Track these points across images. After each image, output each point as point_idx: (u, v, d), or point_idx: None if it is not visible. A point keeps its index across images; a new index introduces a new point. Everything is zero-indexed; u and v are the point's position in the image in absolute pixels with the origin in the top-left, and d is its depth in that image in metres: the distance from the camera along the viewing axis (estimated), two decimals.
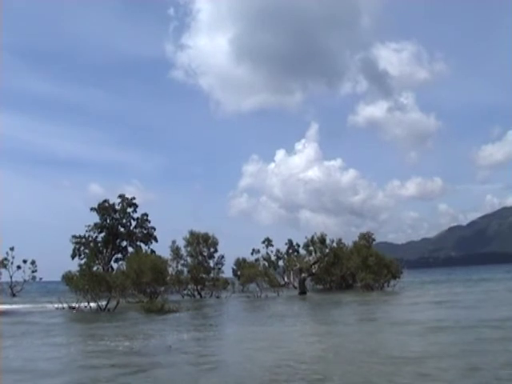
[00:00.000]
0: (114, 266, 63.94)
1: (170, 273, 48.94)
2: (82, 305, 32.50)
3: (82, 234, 67.82)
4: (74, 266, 43.27)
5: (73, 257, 65.85)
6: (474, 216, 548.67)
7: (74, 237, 67.18)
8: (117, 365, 13.07)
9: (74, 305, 32.60)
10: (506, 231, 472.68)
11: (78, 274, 34.03)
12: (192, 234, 52.55)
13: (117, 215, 70.03)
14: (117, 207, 70.24)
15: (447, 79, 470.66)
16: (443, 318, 21.68)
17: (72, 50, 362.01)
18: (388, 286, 52.35)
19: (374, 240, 56.13)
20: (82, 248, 66.88)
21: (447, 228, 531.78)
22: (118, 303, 33.01)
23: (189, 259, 52.35)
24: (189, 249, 52.27)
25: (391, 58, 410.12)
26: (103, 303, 32.27)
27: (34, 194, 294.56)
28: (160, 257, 49.27)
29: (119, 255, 68.63)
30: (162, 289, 44.72)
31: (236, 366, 12.37)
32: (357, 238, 55.84)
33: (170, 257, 51.13)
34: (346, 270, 53.22)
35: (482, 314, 22.64)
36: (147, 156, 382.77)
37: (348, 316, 25.66)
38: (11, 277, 65.39)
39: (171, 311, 30.48)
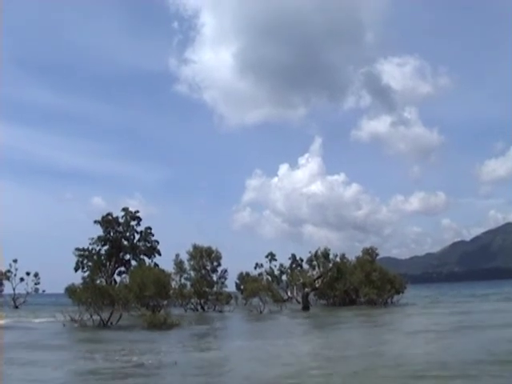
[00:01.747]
0: (117, 279, 63.86)
1: (173, 286, 48.74)
2: (85, 318, 32.30)
3: (86, 247, 67.95)
4: (77, 278, 43.19)
5: (76, 269, 65.96)
6: (477, 231, 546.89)
7: (78, 249, 67.28)
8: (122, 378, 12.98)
9: (76, 318, 32.42)
10: (510, 247, 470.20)
11: (81, 286, 33.89)
12: (195, 247, 52.50)
13: (120, 228, 70.19)
14: (120, 220, 70.42)
15: (450, 94, 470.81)
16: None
17: (75, 62, 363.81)
18: (391, 301, 52.11)
19: (377, 255, 56.08)
20: (86, 261, 66.92)
21: (451, 243, 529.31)
22: (120, 316, 32.84)
23: (192, 273, 52.37)
24: (192, 262, 52.24)
25: (394, 72, 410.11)
26: (106, 316, 32.09)
27: (36, 206, 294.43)
28: (163, 270, 49.07)
29: (122, 268, 68.70)
30: (165, 302, 44.43)
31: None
32: (360, 253, 55.89)
33: (173, 270, 51.14)
34: (350, 285, 52.98)
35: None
36: (150, 169, 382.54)
37: (351, 337, 25.27)
38: (14, 289, 65.47)
39: (174, 325, 30.31)
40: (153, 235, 71.64)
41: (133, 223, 71.07)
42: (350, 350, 17.88)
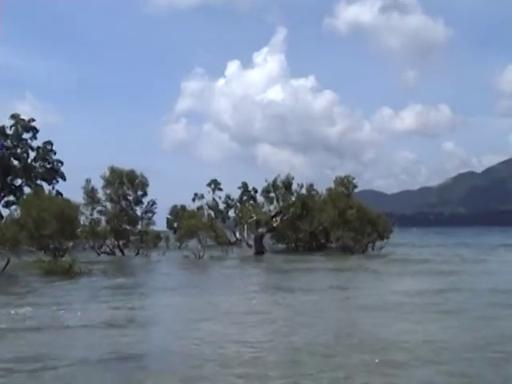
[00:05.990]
0: (5, 212, 63.56)
1: (82, 223, 49.28)
2: None
3: None
4: None
5: None
6: (491, 160, 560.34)
7: None
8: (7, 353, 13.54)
9: None
10: None
11: None
12: (113, 171, 52.72)
13: (8, 143, 69.05)
14: (8, 132, 69.17)
15: None
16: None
17: None
18: (373, 248, 54.04)
19: (355, 187, 57.42)
20: None
21: (455, 175, 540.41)
22: (7, 263, 33.02)
23: (108, 205, 52.98)
24: (108, 191, 52.68)
25: None
26: None
27: None
28: (69, 201, 49.03)
29: (11, 197, 68.18)
30: (71, 244, 44.82)
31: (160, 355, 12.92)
32: (332, 184, 57.02)
33: (82, 201, 51.45)
34: (318, 225, 54.51)
35: None
36: (50, 62, 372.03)
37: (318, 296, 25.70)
38: None
39: (83, 274, 30.81)
40: (54, 153, 70.99)
41: (26, 136, 70.01)
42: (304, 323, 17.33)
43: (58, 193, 64.23)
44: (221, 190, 67.75)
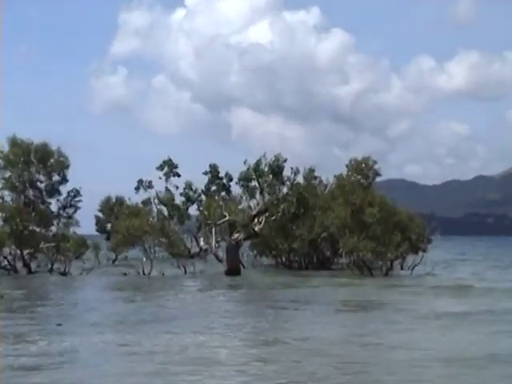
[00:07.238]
0: None
1: None
2: None
3: None
4: None
5: None
6: None
7: None
8: None
9: None
10: None
11: None
12: (15, 144, 52.47)
13: None
14: None
15: None
16: None
17: None
18: (402, 267, 54.07)
19: (377, 174, 57.22)
20: None
21: None
22: None
23: (7, 195, 52.94)
24: (7, 175, 52.51)
25: None
26: None
27: None
28: None
29: None
30: None
31: None
32: (344, 169, 56.59)
33: None
34: (322, 230, 54.25)
35: None
36: None
37: None
38: None
39: None
40: None
41: None
42: None
43: None
44: (178, 175, 67.00)
